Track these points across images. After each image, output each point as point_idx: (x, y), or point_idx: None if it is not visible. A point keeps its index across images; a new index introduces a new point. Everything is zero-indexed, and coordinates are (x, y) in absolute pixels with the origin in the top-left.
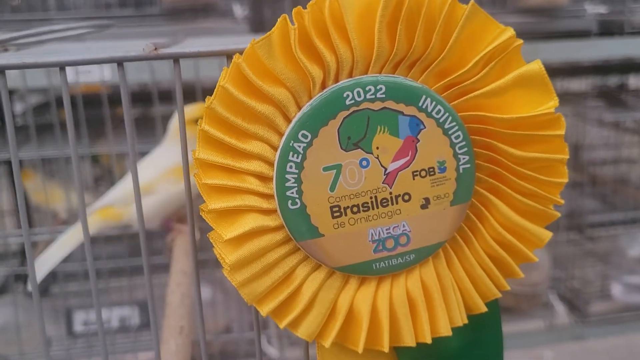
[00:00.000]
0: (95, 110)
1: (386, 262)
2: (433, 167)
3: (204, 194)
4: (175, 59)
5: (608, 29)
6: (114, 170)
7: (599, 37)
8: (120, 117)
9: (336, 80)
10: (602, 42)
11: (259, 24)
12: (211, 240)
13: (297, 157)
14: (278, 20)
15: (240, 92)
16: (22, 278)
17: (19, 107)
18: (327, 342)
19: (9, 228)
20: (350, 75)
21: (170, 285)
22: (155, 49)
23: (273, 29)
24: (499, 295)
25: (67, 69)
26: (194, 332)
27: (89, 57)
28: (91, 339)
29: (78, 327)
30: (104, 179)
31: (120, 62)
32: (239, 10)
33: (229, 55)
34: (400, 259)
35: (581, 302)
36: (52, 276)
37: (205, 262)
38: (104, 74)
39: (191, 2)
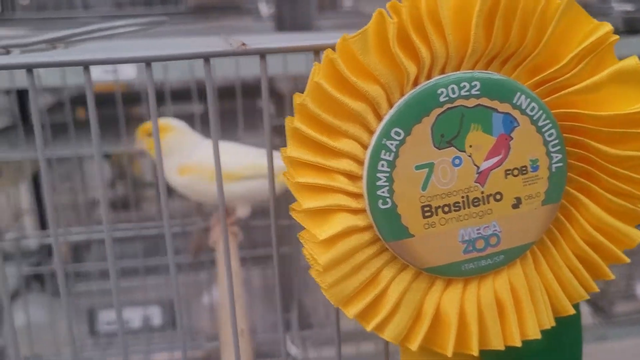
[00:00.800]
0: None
1: (475, 263)
2: (525, 166)
3: (296, 192)
4: (262, 54)
5: (634, 26)
6: (127, 170)
7: (625, 35)
8: (135, 116)
9: (428, 76)
10: (628, 41)
11: (285, 22)
12: (301, 240)
13: (390, 155)
14: (374, 14)
15: (333, 89)
16: (39, 278)
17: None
18: (414, 345)
19: (28, 228)
20: (442, 71)
21: (221, 286)
22: (243, 44)
23: (369, 23)
24: (587, 297)
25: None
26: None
27: (174, 52)
28: (115, 339)
29: (101, 326)
30: (120, 178)
31: (207, 58)
32: (265, 9)
33: (316, 51)
34: (490, 260)
35: (605, 302)
36: (73, 275)
37: None
38: (129, 73)
39: (217, 0)
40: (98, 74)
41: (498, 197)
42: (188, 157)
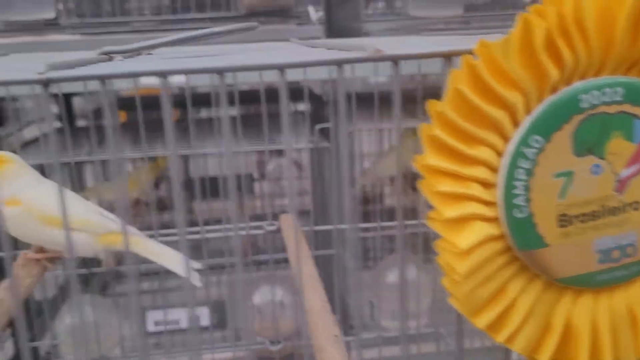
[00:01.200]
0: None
1: (610, 273)
2: None
3: (435, 201)
4: (395, 60)
5: None
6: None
7: None
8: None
9: (568, 82)
10: None
11: (334, 27)
12: (438, 249)
13: (528, 164)
14: (518, 19)
15: (473, 96)
16: (80, 277)
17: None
18: (545, 357)
19: None
20: (582, 77)
21: (307, 291)
22: (379, 50)
23: (514, 29)
24: None
25: None
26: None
27: (309, 59)
28: (165, 338)
29: (151, 326)
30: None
31: (340, 64)
32: (314, 13)
33: (446, 57)
34: (625, 270)
35: None
36: (121, 275)
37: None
38: (179, 79)
39: (267, 4)
40: (146, 79)
41: (636, 206)
42: (18, 190)
